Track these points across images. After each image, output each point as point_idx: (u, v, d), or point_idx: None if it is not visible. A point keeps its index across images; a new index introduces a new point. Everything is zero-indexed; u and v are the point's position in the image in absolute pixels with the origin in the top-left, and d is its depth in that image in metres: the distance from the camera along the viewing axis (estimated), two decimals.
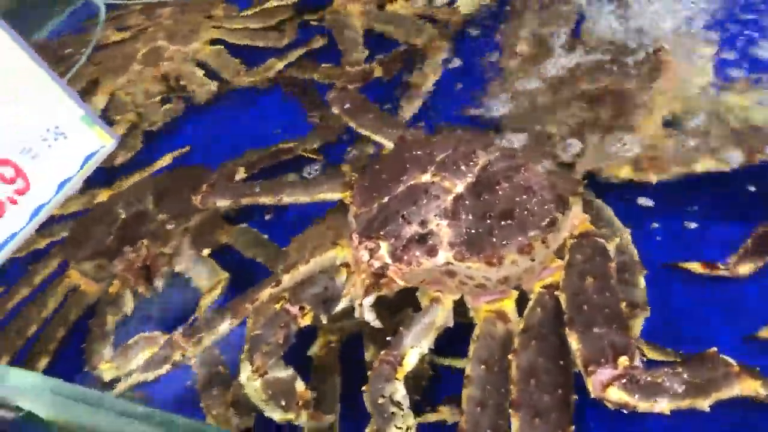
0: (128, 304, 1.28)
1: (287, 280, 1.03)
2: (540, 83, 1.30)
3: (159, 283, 1.29)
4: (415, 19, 1.61)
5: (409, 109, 1.40)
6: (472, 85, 1.38)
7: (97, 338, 1.21)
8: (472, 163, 1.01)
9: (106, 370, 1.13)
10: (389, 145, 1.19)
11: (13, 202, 1.07)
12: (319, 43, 1.69)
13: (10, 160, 1.07)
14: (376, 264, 0.94)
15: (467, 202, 0.96)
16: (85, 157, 1.15)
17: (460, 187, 0.98)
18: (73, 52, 1.99)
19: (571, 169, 1.10)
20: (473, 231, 0.94)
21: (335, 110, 1.28)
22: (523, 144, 1.09)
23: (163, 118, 1.69)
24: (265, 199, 1.13)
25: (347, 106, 1.27)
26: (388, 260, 0.94)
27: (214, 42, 1.83)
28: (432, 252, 0.93)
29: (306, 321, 0.98)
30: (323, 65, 1.62)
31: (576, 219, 0.98)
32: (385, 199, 1.00)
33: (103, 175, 1.54)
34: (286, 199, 1.11)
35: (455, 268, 0.94)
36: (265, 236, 1.31)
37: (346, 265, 1.02)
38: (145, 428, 0.78)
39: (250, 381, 0.93)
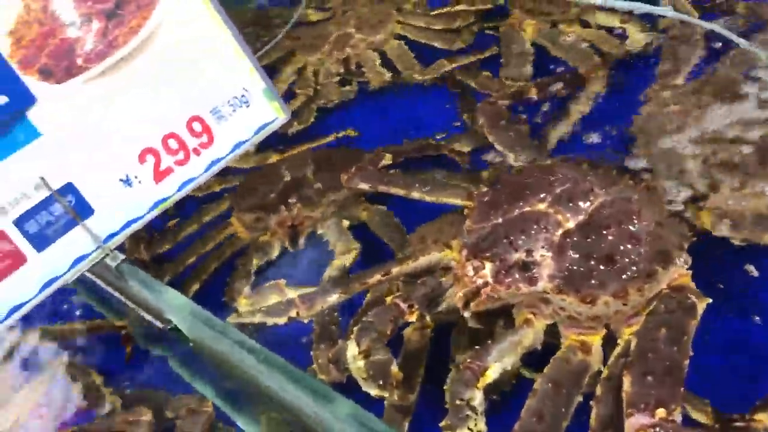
0: (273, 253, 1.49)
1: (396, 271, 1.15)
2: (687, 127, 1.31)
3: (302, 241, 1.48)
4: (582, 44, 1.66)
5: (556, 135, 1.46)
6: (617, 117, 1.42)
7: (240, 276, 1.42)
8: (588, 202, 1.05)
9: (241, 305, 1.33)
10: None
11: (197, 152, 1.28)
12: (490, 53, 1.77)
13: (201, 118, 1.29)
14: (479, 281, 1.02)
15: (575, 239, 1.02)
16: (261, 126, 1.35)
17: (571, 223, 1.04)
18: (278, 22, 2.24)
19: (687, 220, 1.13)
20: (574, 268, 0.99)
21: (479, 120, 1.38)
22: (644, 186, 1.12)
23: (338, 97, 1.86)
24: (397, 191, 1.26)
25: (490, 119, 1.36)
26: (490, 279, 1.02)
27: (397, 36, 1.97)
28: (532, 281, 1.00)
29: (412, 318, 1.09)
30: (483, 73, 1.71)
31: (677, 272, 1.01)
32: (500, 220, 1.07)
33: (277, 140, 1.76)
34: (414, 194, 1.23)
35: (551, 298, 1.01)
36: (397, 220, 1.44)
37: (453, 268, 1.11)
38: (252, 360, 0.96)
39: (355, 360, 1.03)
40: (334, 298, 1.15)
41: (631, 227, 1.01)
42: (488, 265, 1.02)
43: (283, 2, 2.37)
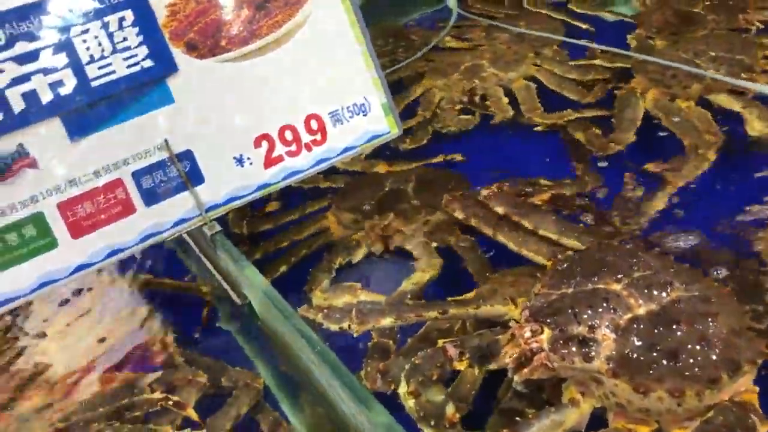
0: (357, 256, 1.53)
1: (453, 313, 1.14)
2: None
3: (389, 249, 1.52)
4: (696, 121, 1.64)
5: (653, 206, 1.44)
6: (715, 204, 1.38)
7: (322, 269, 1.47)
8: (664, 293, 1.02)
9: (316, 297, 1.39)
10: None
11: (308, 148, 1.35)
12: (611, 112, 1.76)
13: (319, 117, 1.35)
14: (534, 345, 1.00)
15: (642, 326, 0.98)
16: (373, 136, 1.40)
17: (641, 310, 1.00)
18: (418, 43, 2.31)
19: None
20: (634, 355, 0.95)
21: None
22: (727, 292, 1.07)
23: (456, 126, 1.90)
24: (485, 230, 1.27)
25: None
26: (546, 346, 0.99)
27: (527, 78, 1.99)
28: (588, 357, 0.97)
29: (461, 366, 1.06)
30: (593, 129, 1.71)
31: (743, 387, 0.96)
32: (570, 290, 1.05)
33: (388, 151, 1.82)
34: (500, 237, 1.24)
35: (603, 380, 0.97)
36: (486, 255, 1.45)
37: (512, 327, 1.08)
38: (308, 351, 1.00)
39: (406, 398, 1.03)
40: (387, 321, 1.15)
41: (703, 328, 0.96)
42: (547, 331, 1.00)
43: (431, 25, 2.45)
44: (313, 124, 1.35)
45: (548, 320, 1.01)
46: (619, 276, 1.05)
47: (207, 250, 1.34)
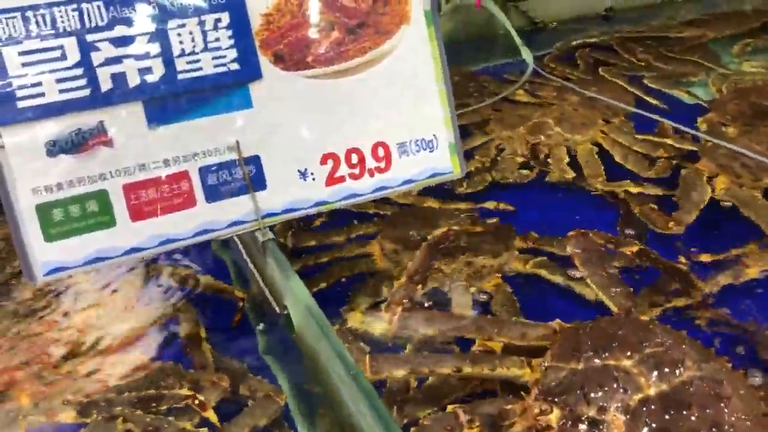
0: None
1: (467, 371, 1.13)
2: None
3: (428, 288, 1.52)
4: None
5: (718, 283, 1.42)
6: None
7: (364, 293, 1.48)
8: (676, 372, 1.00)
9: (352, 318, 1.39)
10: None
11: (371, 174, 1.36)
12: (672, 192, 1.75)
13: (387, 145, 1.37)
14: (542, 422, 0.99)
15: (652, 408, 0.96)
16: (435, 173, 1.41)
17: (652, 390, 0.98)
18: (490, 90, 2.33)
19: None
20: None
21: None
22: (741, 374, 1.05)
23: (514, 178, 1.91)
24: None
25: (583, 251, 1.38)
26: (554, 426, 0.98)
27: (593, 143, 1.99)
28: None
29: None
30: (650, 205, 1.69)
31: None
32: (580, 366, 1.04)
33: (444, 190, 1.83)
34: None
35: None
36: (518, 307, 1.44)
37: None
38: (341, 372, 1.00)
39: None
40: (400, 373, 1.14)
41: (715, 412, 0.94)
42: (556, 411, 0.99)
43: (501, 76, 2.46)
44: (380, 152, 1.36)
45: (557, 399, 0.99)
46: (630, 352, 1.03)
47: (255, 256, 1.36)
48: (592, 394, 0.98)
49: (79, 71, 1.13)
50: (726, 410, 0.95)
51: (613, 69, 2.48)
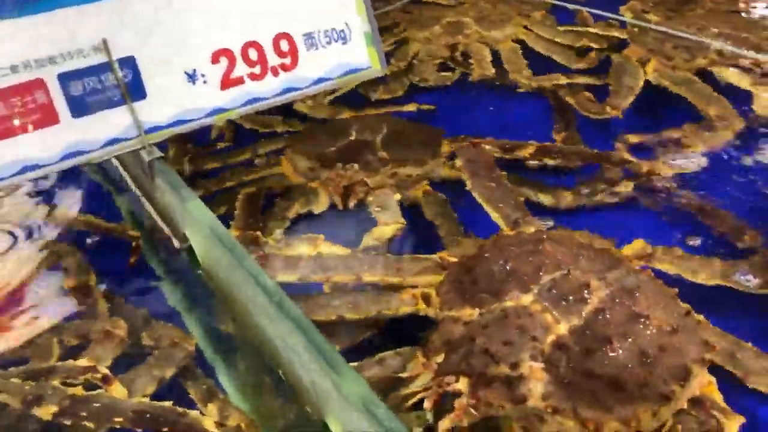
0: (319, 207, 1.34)
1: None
2: None
3: (351, 204, 1.34)
4: (712, 91, 1.53)
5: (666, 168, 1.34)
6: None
7: (276, 216, 1.29)
8: (582, 300, 0.88)
9: (268, 244, 1.18)
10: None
11: (275, 72, 1.15)
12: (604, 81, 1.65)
13: (291, 37, 1.16)
14: (451, 389, 0.84)
15: (570, 350, 0.84)
16: (351, 69, 1.22)
17: (563, 328, 0.86)
18: None
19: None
20: (572, 385, 0.81)
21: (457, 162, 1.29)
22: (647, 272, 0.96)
23: (435, 81, 1.75)
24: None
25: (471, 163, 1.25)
26: (466, 392, 0.83)
27: (514, 40, 1.86)
28: (519, 399, 0.81)
29: None
30: (586, 94, 1.60)
31: (698, 383, 0.85)
32: (476, 315, 0.91)
33: (356, 100, 1.65)
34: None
35: (546, 417, 0.82)
36: (456, 214, 1.29)
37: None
38: (264, 301, 0.81)
39: None
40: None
41: (639, 337, 0.84)
42: (464, 380, 0.84)
43: None
44: (283, 45, 1.15)
45: (463, 368, 0.84)
46: (528, 284, 0.92)
47: (142, 181, 1.12)
48: (499, 352, 0.84)
49: None
50: (648, 331, 0.86)
51: None
